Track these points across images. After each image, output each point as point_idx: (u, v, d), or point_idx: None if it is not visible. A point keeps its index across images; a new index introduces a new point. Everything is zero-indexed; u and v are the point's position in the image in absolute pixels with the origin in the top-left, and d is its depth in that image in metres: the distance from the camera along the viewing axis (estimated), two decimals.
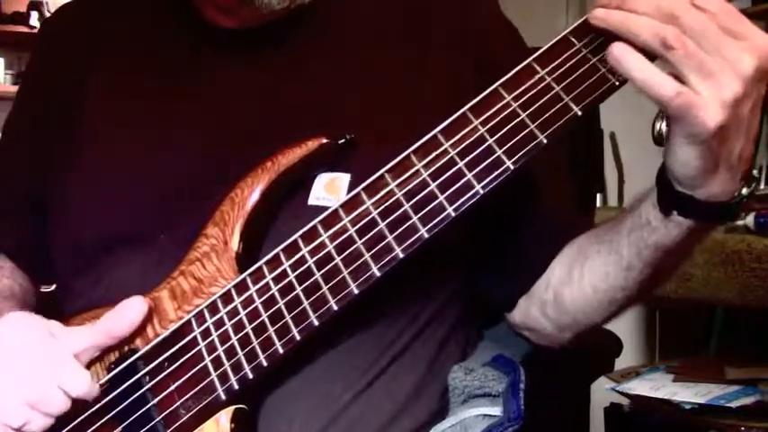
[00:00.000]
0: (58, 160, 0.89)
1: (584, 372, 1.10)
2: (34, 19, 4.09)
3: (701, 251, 1.66)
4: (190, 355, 0.74)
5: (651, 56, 0.63)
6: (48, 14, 3.84)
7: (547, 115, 0.68)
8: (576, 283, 0.80)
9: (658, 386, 1.72)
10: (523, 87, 0.69)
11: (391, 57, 0.85)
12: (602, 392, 1.76)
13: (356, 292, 0.70)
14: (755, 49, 0.61)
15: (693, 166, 0.65)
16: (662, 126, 2.19)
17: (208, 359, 0.73)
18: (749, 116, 0.63)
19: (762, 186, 2.20)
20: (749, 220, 1.73)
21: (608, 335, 1.13)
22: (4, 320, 0.78)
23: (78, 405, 0.74)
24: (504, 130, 0.69)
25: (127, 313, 0.76)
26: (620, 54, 0.63)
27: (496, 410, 0.79)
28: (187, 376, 0.74)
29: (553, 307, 0.83)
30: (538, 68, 0.69)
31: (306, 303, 0.71)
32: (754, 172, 0.68)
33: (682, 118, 0.62)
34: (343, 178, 0.78)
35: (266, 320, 0.72)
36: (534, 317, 0.86)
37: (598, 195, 2.51)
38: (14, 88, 3.66)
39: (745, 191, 0.67)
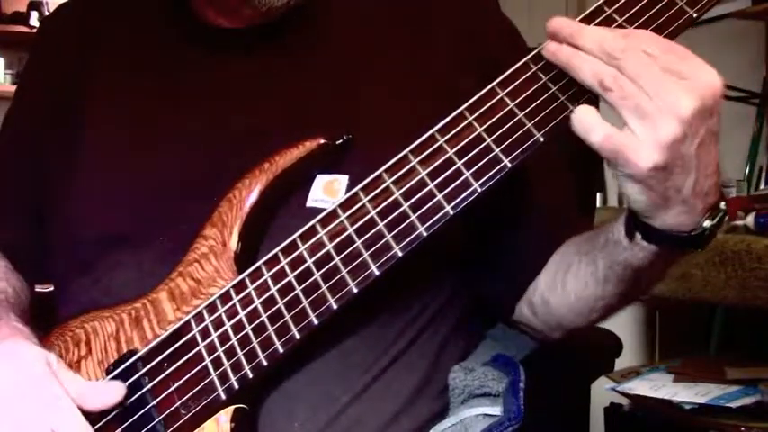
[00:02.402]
0: (57, 160, 0.89)
1: (584, 372, 1.10)
2: (34, 19, 4.09)
3: (701, 251, 1.66)
4: (189, 355, 0.74)
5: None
6: (47, 14, 3.83)
7: (543, 114, 0.69)
8: (560, 288, 0.82)
9: (658, 386, 1.72)
10: (521, 87, 0.69)
11: (391, 57, 0.85)
12: (602, 392, 1.76)
13: (355, 290, 0.70)
14: (696, 89, 0.62)
15: (640, 200, 0.66)
16: None
17: (207, 359, 0.73)
18: (697, 152, 0.63)
19: (762, 186, 2.20)
20: (749, 220, 1.73)
21: (608, 335, 1.13)
22: (3, 353, 0.74)
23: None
24: (502, 129, 0.69)
25: (107, 393, 0.74)
26: None
27: (497, 410, 0.79)
28: (187, 376, 0.74)
29: (541, 309, 0.85)
30: (534, 68, 0.69)
31: (305, 302, 0.71)
32: (722, 204, 0.68)
33: (614, 159, 0.64)
34: (342, 180, 0.78)
35: (266, 320, 0.72)
36: (526, 316, 0.87)
37: (598, 195, 2.51)
38: (14, 88, 3.65)
39: (707, 223, 0.67)
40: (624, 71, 0.63)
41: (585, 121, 0.65)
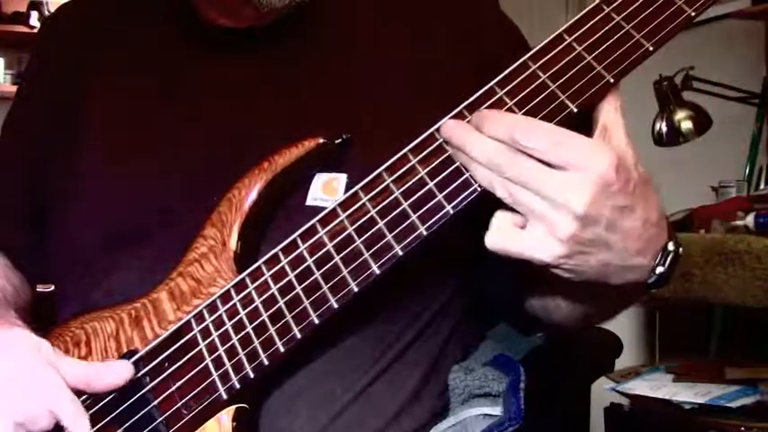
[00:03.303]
0: (58, 160, 0.89)
1: (584, 372, 1.10)
2: (34, 19, 4.09)
3: (701, 251, 1.66)
4: (190, 355, 0.74)
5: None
6: (48, 15, 3.84)
7: (543, 113, 0.68)
8: (549, 295, 0.81)
9: (658, 386, 1.72)
10: (519, 85, 0.69)
11: (391, 56, 0.85)
12: (602, 392, 1.76)
13: (356, 290, 0.70)
14: (586, 178, 0.62)
15: (576, 280, 0.67)
16: (662, 126, 2.20)
17: (209, 359, 0.73)
18: (609, 230, 0.64)
19: (762, 186, 2.20)
20: (749, 220, 1.73)
21: (608, 335, 1.13)
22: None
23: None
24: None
25: (111, 373, 0.74)
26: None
27: (497, 410, 0.79)
28: (188, 376, 0.74)
29: (542, 312, 0.84)
30: (532, 66, 0.69)
31: (306, 302, 0.71)
32: (670, 245, 0.68)
33: (524, 259, 0.65)
34: (341, 179, 0.78)
35: (266, 320, 0.72)
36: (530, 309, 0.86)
37: None
38: (14, 88, 3.65)
39: (660, 269, 0.68)
40: (512, 180, 0.64)
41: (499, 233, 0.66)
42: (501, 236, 0.66)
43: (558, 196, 0.63)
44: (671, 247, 0.68)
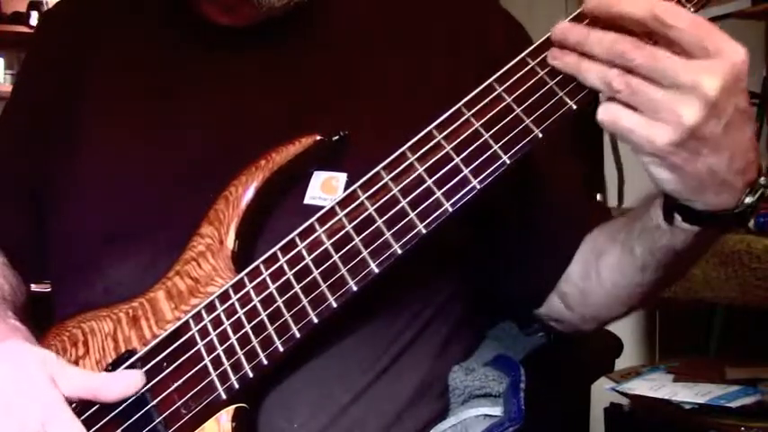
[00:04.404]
0: (55, 158, 0.89)
1: (584, 372, 1.10)
2: (34, 19, 4.09)
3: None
4: (189, 354, 0.74)
5: None
6: (45, 11, 3.83)
7: (542, 110, 0.68)
8: (595, 277, 0.81)
9: (658, 386, 1.72)
10: (518, 83, 0.69)
11: (390, 56, 0.85)
12: (602, 392, 1.76)
13: (355, 289, 0.70)
14: (720, 66, 0.61)
15: (673, 184, 0.66)
16: None
17: (207, 359, 0.73)
18: (726, 132, 0.63)
19: None
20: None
21: (608, 335, 1.13)
22: (0, 356, 0.73)
23: (77, 408, 0.73)
24: (500, 125, 0.69)
25: (122, 383, 0.74)
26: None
27: (497, 410, 0.78)
28: (187, 376, 0.73)
29: (575, 299, 0.84)
30: (531, 63, 0.69)
31: (305, 301, 0.71)
32: (761, 179, 0.67)
33: (630, 140, 0.63)
34: (340, 178, 0.78)
35: (265, 319, 0.72)
36: (557, 308, 0.86)
37: (598, 195, 2.51)
38: None
39: (749, 199, 0.67)
40: (638, 68, 0.62)
41: (606, 116, 0.64)
42: (615, 111, 0.63)
43: (689, 81, 0.61)
44: (762, 181, 0.67)
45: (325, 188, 0.78)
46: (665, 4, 0.63)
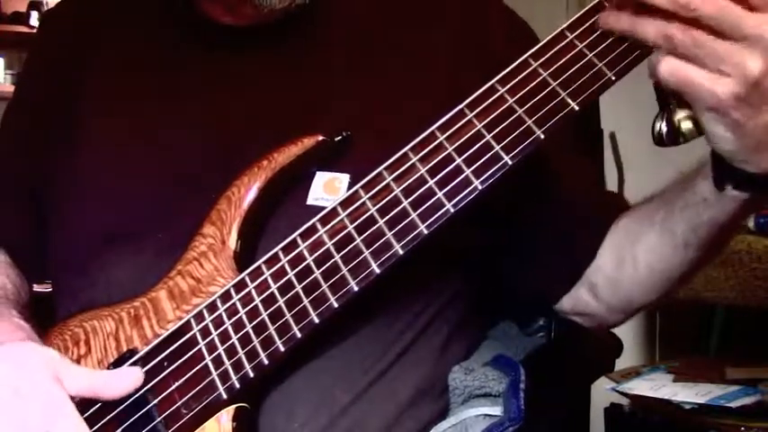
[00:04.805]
0: (56, 158, 0.89)
1: (584, 372, 1.10)
2: (34, 19, 4.08)
3: None
4: (190, 354, 0.74)
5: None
6: (47, 11, 3.83)
7: (544, 111, 0.68)
8: (630, 264, 0.81)
9: (658, 386, 1.72)
10: (521, 84, 0.69)
11: (391, 56, 0.85)
12: (602, 392, 1.76)
13: (356, 289, 0.70)
14: None
15: (731, 143, 0.64)
16: (662, 126, 2.20)
17: (208, 358, 0.73)
18: None
19: None
20: (749, 220, 1.73)
21: (608, 335, 1.13)
22: (5, 355, 0.73)
23: (78, 407, 0.73)
24: (502, 126, 0.69)
25: (122, 381, 0.74)
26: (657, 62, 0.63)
27: (497, 410, 0.79)
28: (187, 376, 0.73)
29: (606, 290, 0.84)
30: (534, 64, 0.69)
31: (306, 301, 0.71)
32: None
33: (701, 100, 0.62)
34: (343, 179, 0.78)
35: (266, 319, 0.72)
36: (585, 301, 0.86)
37: None
38: (14, 88, 3.65)
39: None
40: (704, 18, 0.61)
41: (667, 69, 0.62)
42: (677, 64, 0.62)
43: (755, 32, 0.60)
44: None
45: (327, 189, 0.78)
46: None
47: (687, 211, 0.74)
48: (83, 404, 0.73)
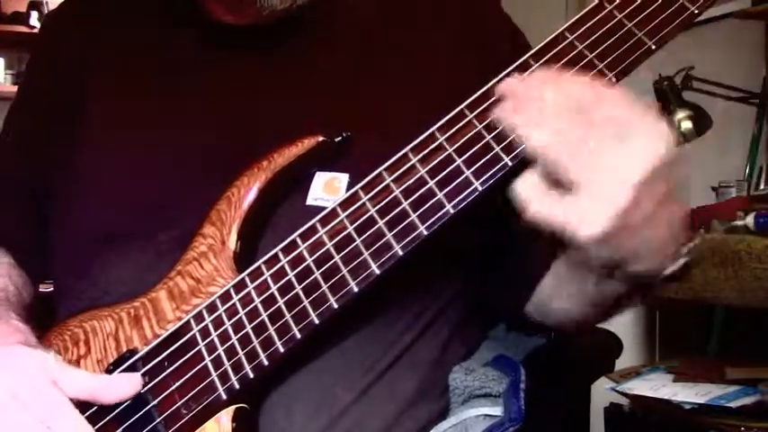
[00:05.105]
0: (59, 157, 0.89)
1: (584, 372, 1.10)
2: (34, 19, 4.09)
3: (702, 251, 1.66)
4: (190, 355, 0.74)
5: None
6: (49, 11, 3.83)
7: None
8: (547, 303, 0.81)
9: (658, 386, 1.72)
10: None
11: (392, 56, 0.85)
12: (603, 392, 1.76)
13: (356, 290, 0.70)
14: (651, 153, 0.60)
15: (604, 260, 0.65)
16: None
17: (208, 359, 0.73)
18: (657, 211, 0.62)
19: (762, 186, 2.20)
20: (749, 220, 1.73)
21: (608, 335, 1.13)
22: (1, 359, 0.73)
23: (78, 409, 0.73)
24: (502, 126, 0.69)
25: (119, 386, 0.74)
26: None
27: (497, 411, 0.79)
28: (187, 376, 0.73)
29: (538, 314, 0.84)
30: (535, 65, 0.69)
31: (306, 302, 0.71)
32: (684, 248, 0.67)
33: (559, 232, 0.62)
34: (342, 179, 0.78)
35: (266, 319, 0.72)
36: (535, 318, 0.86)
37: None
38: (14, 88, 3.65)
39: (681, 261, 0.67)
40: (573, 144, 0.60)
41: (525, 193, 0.62)
42: (544, 205, 0.61)
43: (621, 165, 0.60)
44: (688, 246, 0.67)
45: (327, 189, 0.78)
46: (600, 88, 0.63)
47: (586, 281, 0.73)
48: (82, 405, 0.73)
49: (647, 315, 2.38)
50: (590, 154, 0.60)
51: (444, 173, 0.70)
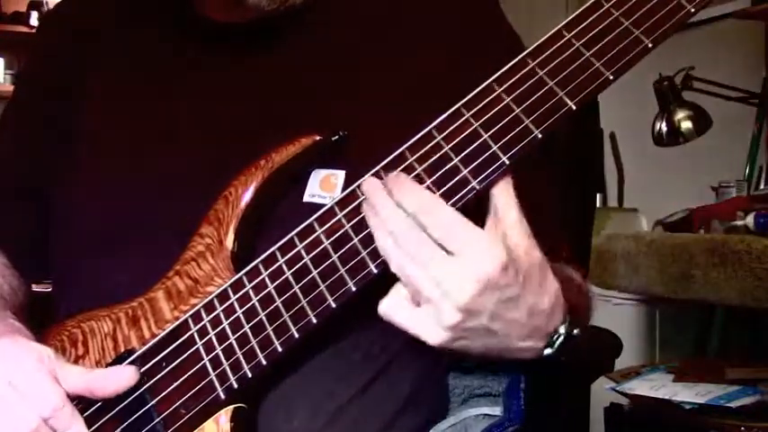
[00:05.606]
0: (55, 159, 0.89)
1: (584, 372, 1.10)
2: (34, 19, 4.09)
3: (701, 251, 1.66)
4: (188, 354, 0.74)
5: None
6: (46, 11, 3.83)
7: (542, 110, 0.68)
8: None
9: (658, 386, 1.72)
10: (518, 83, 0.69)
11: (390, 55, 0.85)
12: (602, 392, 1.76)
13: (354, 289, 0.70)
14: (474, 275, 0.63)
15: (465, 353, 0.69)
16: (662, 126, 2.20)
17: (206, 359, 0.73)
18: (492, 322, 0.65)
19: (762, 186, 2.21)
20: (749, 220, 1.73)
21: (608, 335, 1.13)
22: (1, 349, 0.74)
23: (77, 407, 0.73)
24: (499, 125, 0.69)
25: (115, 379, 0.74)
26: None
27: (497, 410, 0.78)
28: (186, 376, 0.73)
29: None
30: (531, 63, 0.69)
31: (303, 302, 0.71)
32: (561, 329, 0.69)
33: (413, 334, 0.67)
34: (339, 175, 0.78)
35: (264, 319, 0.72)
36: None
37: (598, 195, 2.51)
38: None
39: (548, 351, 0.69)
40: (408, 255, 0.65)
41: (386, 303, 0.67)
42: (393, 306, 0.67)
43: (446, 284, 0.64)
44: (562, 330, 0.69)
45: (323, 186, 0.77)
46: (428, 203, 0.66)
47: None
48: (81, 404, 0.73)
49: (647, 315, 2.38)
50: (424, 268, 0.64)
51: (441, 172, 0.69)
